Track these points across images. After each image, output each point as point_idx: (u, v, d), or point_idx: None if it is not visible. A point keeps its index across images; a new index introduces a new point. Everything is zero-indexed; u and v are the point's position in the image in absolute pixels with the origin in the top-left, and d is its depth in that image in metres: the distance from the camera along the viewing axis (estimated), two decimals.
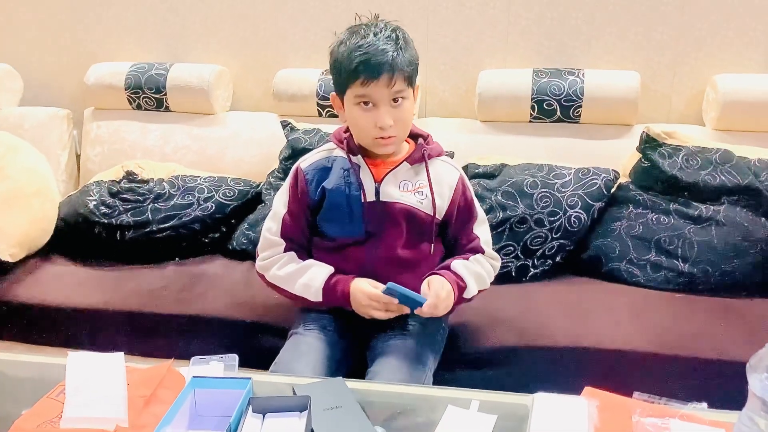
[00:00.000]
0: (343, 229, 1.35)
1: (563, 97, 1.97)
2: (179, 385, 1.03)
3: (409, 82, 1.28)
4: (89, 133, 2.32)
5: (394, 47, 1.24)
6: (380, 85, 1.24)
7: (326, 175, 1.36)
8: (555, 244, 1.74)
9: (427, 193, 1.35)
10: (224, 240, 1.94)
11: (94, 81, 2.29)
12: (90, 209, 1.89)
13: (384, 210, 1.33)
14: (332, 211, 1.35)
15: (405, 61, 1.25)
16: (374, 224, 1.33)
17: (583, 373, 1.38)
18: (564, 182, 1.78)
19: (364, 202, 1.32)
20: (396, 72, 1.24)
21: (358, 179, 1.33)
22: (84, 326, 1.63)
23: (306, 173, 1.37)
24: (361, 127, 1.30)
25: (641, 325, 1.48)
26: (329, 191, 1.34)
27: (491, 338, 1.46)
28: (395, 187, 1.34)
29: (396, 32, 1.27)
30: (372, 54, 1.23)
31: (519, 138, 2.03)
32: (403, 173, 1.35)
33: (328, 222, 1.37)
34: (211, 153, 2.20)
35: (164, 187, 1.97)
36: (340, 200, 1.33)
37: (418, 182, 1.35)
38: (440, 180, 1.37)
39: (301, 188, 1.37)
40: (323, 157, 1.39)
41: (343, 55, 1.26)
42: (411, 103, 1.31)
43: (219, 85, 2.25)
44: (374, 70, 1.23)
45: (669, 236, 1.70)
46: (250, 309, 1.59)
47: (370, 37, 1.24)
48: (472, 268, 1.37)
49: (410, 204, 1.34)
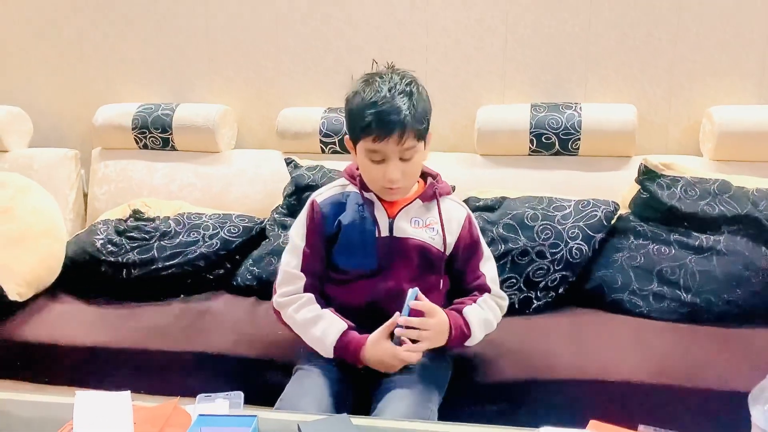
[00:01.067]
0: (357, 261, 1.38)
1: (561, 130, 2.00)
2: (185, 423, 1.03)
3: (420, 138, 1.30)
4: (97, 173, 2.35)
5: (407, 104, 1.25)
6: (391, 143, 1.26)
7: (341, 210, 1.39)
8: (557, 275, 1.74)
9: (438, 230, 1.38)
10: (229, 276, 1.95)
11: (102, 122, 2.32)
12: (97, 248, 1.90)
13: (397, 245, 1.36)
14: (347, 244, 1.38)
15: (417, 118, 1.27)
16: (386, 258, 1.36)
17: (588, 406, 1.36)
18: (564, 214, 1.79)
19: (378, 236, 1.36)
20: (407, 130, 1.26)
21: (372, 215, 1.37)
22: (91, 364, 1.63)
23: (322, 207, 1.40)
24: (370, 177, 1.35)
25: (645, 356, 1.47)
26: (345, 225, 1.37)
27: (496, 372, 1.46)
28: (407, 223, 1.38)
29: (410, 86, 1.28)
30: (385, 112, 1.24)
31: (518, 171, 2.04)
32: (414, 210, 1.39)
33: (342, 255, 1.39)
34: (216, 190, 2.22)
35: (170, 225, 1.99)
36: (355, 234, 1.37)
37: (429, 219, 1.39)
38: (450, 217, 1.41)
39: (318, 221, 1.40)
40: (338, 192, 1.42)
41: (357, 107, 1.28)
42: (421, 155, 1.34)
43: (224, 124, 2.28)
44: (386, 129, 1.24)
45: (671, 266, 1.71)
46: (255, 345, 1.59)
47: (384, 92, 1.25)
48: (482, 316, 1.37)
49: (423, 239, 1.37)
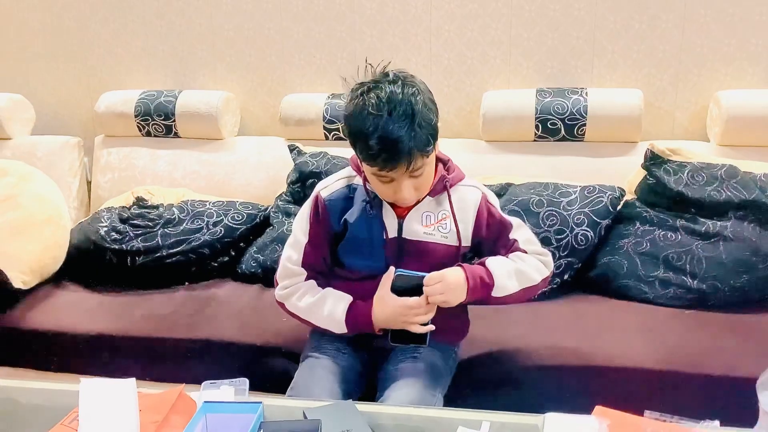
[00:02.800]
0: (364, 263, 1.32)
1: (567, 116, 1.98)
2: (191, 410, 1.03)
3: (429, 153, 1.20)
4: (100, 160, 2.35)
5: (410, 129, 1.14)
6: (398, 170, 1.18)
7: (348, 205, 1.32)
8: (563, 262, 1.73)
9: (451, 225, 1.30)
10: (233, 264, 1.95)
11: (105, 109, 2.32)
12: (101, 235, 1.90)
13: (406, 246, 1.30)
14: (353, 244, 1.32)
15: (423, 140, 1.16)
16: (394, 259, 1.30)
17: (593, 392, 1.36)
18: (570, 200, 1.78)
19: (386, 238, 1.29)
20: (414, 157, 1.17)
21: (380, 215, 1.30)
22: (96, 352, 1.64)
23: (327, 202, 1.33)
24: (380, 192, 1.27)
25: (651, 343, 1.47)
26: (351, 224, 1.31)
27: (501, 359, 1.46)
28: (418, 221, 1.30)
29: (411, 103, 1.16)
30: (389, 145, 1.14)
31: (524, 157, 2.03)
32: (425, 206, 1.31)
33: (348, 254, 1.34)
34: (219, 178, 2.22)
35: (174, 213, 1.98)
36: (362, 235, 1.30)
37: (441, 213, 1.31)
38: (464, 206, 1.32)
39: (323, 218, 1.33)
40: (344, 186, 1.34)
41: (358, 131, 1.17)
42: (432, 167, 1.25)
43: (227, 111, 2.27)
44: (391, 160, 1.16)
45: (677, 252, 1.69)
46: (259, 332, 1.59)
47: (384, 118, 1.14)
48: (510, 266, 1.30)
49: (434, 240, 1.30)
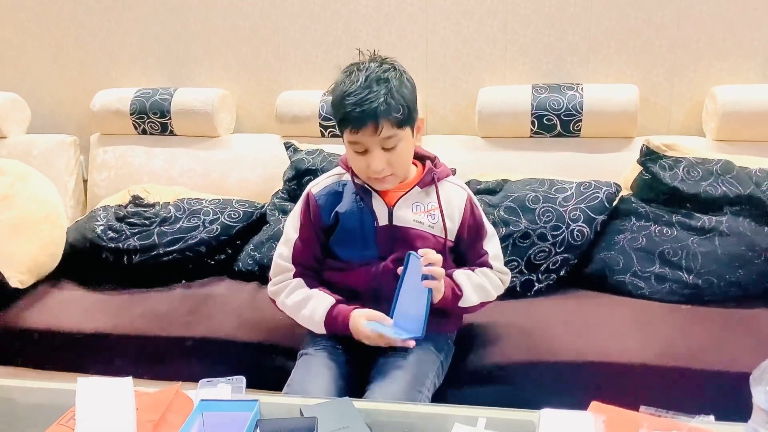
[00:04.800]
0: (356, 252, 1.36)
1: (563, 111, 1.98)
2: (187, 409, 1.03)
3: (401, 125, 1.26)
4: (96, 159, 2.34)
5: (383, 93, 1.21)
6: (367, 133, 1.24)
7: (338, 200, 1.37)
8: (559, 258, 1.74)
9: (438, 217, 1.36)
10: (230, 261, 1.95)
11: (100, 107, 2.31)
12: (97, 234, 1.90)
13: (397, 234, 1.34)
14: (345, 235, 1.36)
15: (394, 107, 1.22)
16: (387, 247, 1.34)
17: (589, 388, 1.34)
18: (566, 196, 1.78)
19: (377, 226, 1.34)
20: (381, 120, 1.22)
21: (370, 204, 1.34)
22: (93, 351, 1.63)
23: (317, 198, 1.38)
24: (356, 167, 1.33)
25: (647, 338, 1.47)
26: (342, 216, 1.35)
27: (497, 354, 1.46)
28: (408, 209, 1.35)
29: (387, 73, 1.24)
30: (358, 103, 1.21)
31: (520, 153, 2.04)
32: (414, 196, 1.37)
33: (340, 245, 1.38)
34: (215, 175, 2.22)
35: (170, 211, 1.98)
36: (354, 225, 1.35)
37: (429, 204, 1.37)
38: (450, 202, 1.39)
39: (314, 213, 1.38)
40: (334, 182, 1.40)
41: (335, 98, 1.27)
42: (406, 144, 1.29)
43: (223, 109, 2.27)
44: (359, 120, 1.22)
45: (673, 248, 1.70)
46: (257, 330, 1.59)
47: (360, 83, 1.22)
48: (475, 280, 1.38)
49: (423, 229, 1.35)
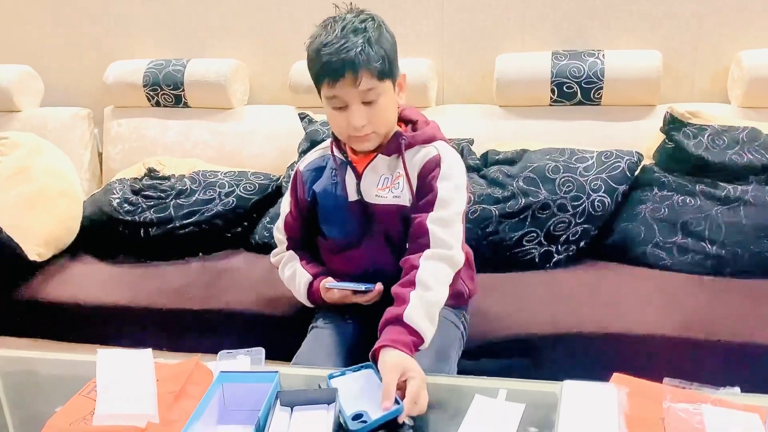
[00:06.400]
0: (336, 230, 1.33)
1: (583, 79, 1.94)
2: (207, 380, 1.03)
3: (382, 77, 1.18)
4: (110, 131, 2.34)
5: (361, 42, 1.15)
6: (346, 85, 1.16)
7: (320, 176, 1.33)
8: (579, 229, 1.72)
9: (404, 185, 1.24)
10: (246, 234, 1.95)
11: (113, 79, 2.31)
12: (114, 207, 1.91)
13: (368, 210, 1.27)
14: (325, 212, 1.33)
15: (373, 56, 1.15)
16: (364, 224, 1.28)
17: (611, 360, 1.36)
18: (586, 166, 1.76)
19: (348, 202, 1.28)
20: (360, 69, 1.15)
21: (343, 178, 1.29)
22: (112, 323, 1.65)
23: (303, 174, 1.35)
24: (335, 126, 1.25)
25: (669, 310, 1.46)
26: (319, 194, 1.32)
27: (516, 326, 1.45)
28: (374, 184, 1.26)
29: (366, 23, 1.18)
30: (334, 53, 1.15)
31: (539, 122, 2.01)
32: (382, 167, 1.26)
33: (324, 224, 1.35)
34: (230, 148, 2.21)
35: (185, 183, 1.98)
36: (329, 202, 1.31)
37: (397, 173, 1.25)
38: (416, 164, 1.25)
39: (300, 190, 1.36)
40: (320, 156, 1.36)
41: (312, 53, 1.20)
42: (388, 99, 1.21)
43: (236, 80, 2.25)
44: (336, 71, 1.15)
45: (695, 218, 1.67)
46: (274, 303, 1.59)
47: (336, 32, 1.16)
48: (421, 310, 1.09)
49: (388, 202, 1.25)
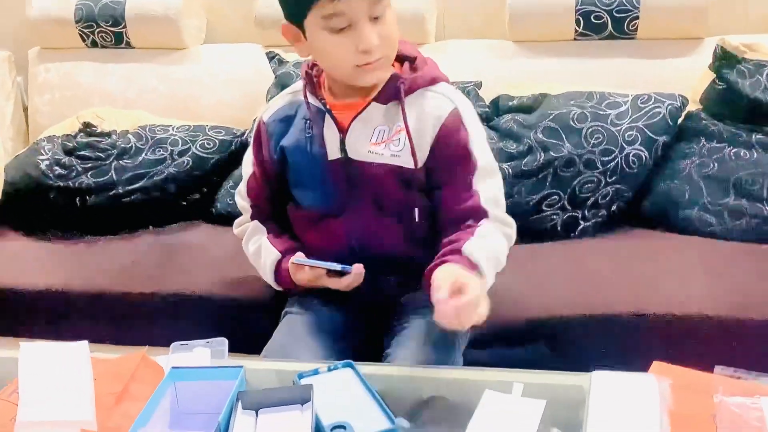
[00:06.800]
0: (311, 195, 1.31)
1: (615, 7, 1.95)
2: (156, 378, 1.03)
3: None
4: (36, 78, 2.35)
5: None
6: None
7: (288, 128, 1.30)
8: (610, 190, 1.73)
9: (404, 140, 1.23)
10: (206, 202, 1.96)
11: (38, 15, 2.29)
12: (42, 170, 1.90)
13: (355, 170, 1.25)
14: (296, 174, 1.31)
15: None
16: (347, 189, 1.26)
17: (649, 346, 1.38)
18: (619, 113, 1.76)
19: (328, 161, 1.26)
20: None
21: (321, 131, 1.25)
22: (41, 312, 1.65)
23: (267, 126, 1.33)
24: (336, 56, 1.20)
25: (719, 286, 1.47)
26: (288, 150, 1.29)
27: (534, 308, 1.46)
28: (366, 138, 1.24)
29: None
30: None
31: (561, 61, 2.03)
32: (376, 117, 1.24)
33: (296, 188, 1.33)
34: (183, 96, 2.22)
35: (129, 141, 1.98)
36: (301, 160, 1.28)
37: (397, 125, 1.24)
38: (422, 117, 1.24)
39: (265, 146, 1.33)
40: (288, 103, 1.32)
41: None
42: (393, 15, 1.19)
43: (189, 13, 2.25)
44: None
45: (751, 175, 1.69)
46: (240, 285, 1.59)
47: None
48: (488, 248, 1.18)
49: (385, 161, 1.23)
